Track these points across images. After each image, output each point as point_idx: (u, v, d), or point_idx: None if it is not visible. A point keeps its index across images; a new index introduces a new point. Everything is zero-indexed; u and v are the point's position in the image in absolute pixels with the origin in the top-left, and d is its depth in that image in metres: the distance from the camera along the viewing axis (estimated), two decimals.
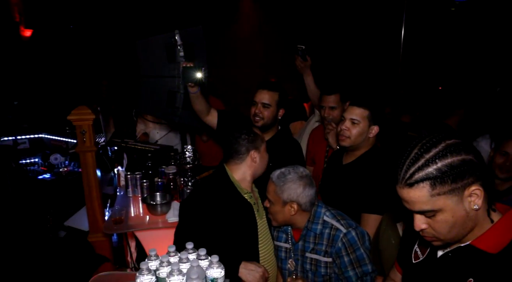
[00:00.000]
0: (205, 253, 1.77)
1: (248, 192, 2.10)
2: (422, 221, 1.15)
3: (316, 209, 1.91)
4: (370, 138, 2.30)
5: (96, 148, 3.12)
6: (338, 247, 1.80)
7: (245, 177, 2.10)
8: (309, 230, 1.89)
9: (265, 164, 2.15)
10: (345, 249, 1.80)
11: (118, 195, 3.31)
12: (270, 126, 2.70)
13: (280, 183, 1.84)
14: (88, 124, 3.03)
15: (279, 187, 1.84)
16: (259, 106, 2.65)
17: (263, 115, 2.64)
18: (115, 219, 2.75)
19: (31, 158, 4.03)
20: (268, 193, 1.90)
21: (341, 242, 1.80)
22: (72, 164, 3.96)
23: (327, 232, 1.85)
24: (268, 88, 2.70)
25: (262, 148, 2.13)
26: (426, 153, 1.10)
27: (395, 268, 1.59)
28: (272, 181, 1.88)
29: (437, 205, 1.09)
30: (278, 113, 2.69)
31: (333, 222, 1.86)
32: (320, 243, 1.86)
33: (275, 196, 1.86)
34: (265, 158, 2.14)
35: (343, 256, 1.81)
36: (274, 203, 1.87)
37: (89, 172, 3.11)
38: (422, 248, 1.37)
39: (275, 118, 2.69)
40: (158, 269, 1.70)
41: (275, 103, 2.66)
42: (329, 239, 1.84)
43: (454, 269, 1.21)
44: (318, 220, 1.89)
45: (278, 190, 1.84)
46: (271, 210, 1.90)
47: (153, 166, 3.32)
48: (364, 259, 1.81)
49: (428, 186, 1.08)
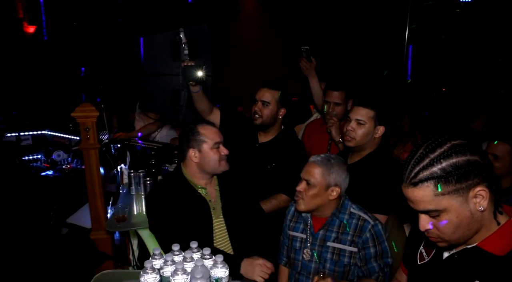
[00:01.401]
0: (210, 252, 1.77)
1: (202, 187, 2.14)
2: (426, 221, 1.15)
3: (344, 200, 1.97)
4: (376, 138, 2.30)
5: (99, 145, 3.11)
6: (366, 237, 1.86)
7: (194, 173, 2.14)
8: (337, 218, 1.93)
9: (213, 162, 2.10)
10: (373, 240, 1.86)
11: (121, 192, 3.31)
12: (270, 125, 2.67)
13: (328, 166, 1.90)
14: (92, 121, 3.02)
15: (326, 170, 1.89)
16: (259, 104, 2.64)
17: (262, 113, 2.62)
18: (118, 217, 2.74)
19: (34, 154, 4.03)
20: (310, 175, 1.91)
21: (369, 232, 1.86)
22: (75, 161, 3.96)
23: (354, 222, 1.91)
24: (269, 87, 2.67)
25: (206, 146, 2.08)
26: (431, 153, 1.10)
27: (401, 269, 1.59)
28: (317, 164, 1.91)
29: (442, 205, 1.09)
30: (278, 112, 2.66)
31: (361, 214, 1.93)
32: (346, 233, 1.90)
33: (320, 179, 1.89)
34: (211, 157, 2.09)
35: (370, 247, 1.86)
36: (315, 186, 1.90)
37: (92, 169, 3.10)
38: (428, 249, 1.36)
39: (275, 117, 2.66)
40: (162, 268, 1.70)
41: (275, 102, 2.63)
42: (356, 229, 1.89)
43: (460, 271, 1.20)
44: (345, 211, 1.95)
45: (325, 173, 1.89)
46: (308, 193, 1.91)
47: (157, 164, 3.32)
48: (387, 252, 1.87)
49: (432, 186, 1.08)
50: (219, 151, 2.10)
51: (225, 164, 2.13)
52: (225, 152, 2.12)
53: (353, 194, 2.25)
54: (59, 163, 3.94)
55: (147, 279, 1.64)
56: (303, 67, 3.07)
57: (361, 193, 2.22)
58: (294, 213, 2.13)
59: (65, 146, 4.16)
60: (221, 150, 2.11)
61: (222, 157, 2.11)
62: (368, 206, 2.19)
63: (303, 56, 3.04)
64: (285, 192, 2.57)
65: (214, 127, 2.14)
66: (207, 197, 2.13)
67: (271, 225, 2.41)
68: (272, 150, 2.65)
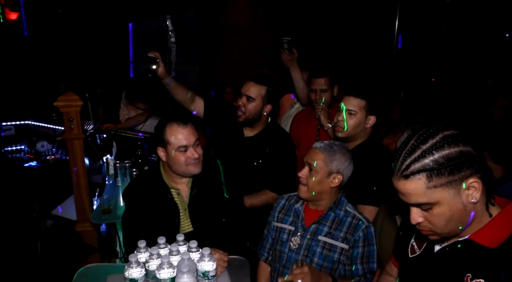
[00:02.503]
0: (196, 246, 1.73)
1: (174, 188, 2.05)
2: (418, 214, 1.13)
3: (341, 196, 1.96)
4: (367, 128, 2.29)
5: (84, 136, 3.04)
6: (358, 236, 1.85)
7: (167, 170, 2.06)
8: (333, 212, 1.91)
9: (178, 166, 1.97)
10: (363, 240, 1.84)
11: (107, 184, 3.25)
12: (253, 121, 2.53)
13: (331, 152, 1.87)
14: (76, 111, 2.94)
15: (329, 156, 1.87)
16: (243, 99, 2.49)
17: (245, 109, 2.47)
18: (104, 208, 2.69)
19: (17, 145, 3.94)
20: (313, 160, 1.88)
21: (362, 232, 1.85)
22: (60, 151, 3.87)
23: (349, 220, 1.89)
24: (256, 81, 2.51)
25: (170, 148, 1.95)
26: (423, 144, 1.06)
27: (391, 262, 1.57)
28: (319, 150, 1.88)
29: (434, 198, 1.06)
30: (263, 109, 2.51)
31: (356, 213, 1.92)
32: (339, 229, 1.88)
33: (322, 165, 1.86)
34: (176, 160, 1.95)
35: (358, 247, 1.84)
36: (318, 172, 1.87)
37: (77, 160, 3.03)
38: (419, 242, 1.34)
39: (259, 113, 2.51)
40: (148, 261, 1.66)
41: (261, 98, 2.48)
42: (350, 227, 1.88)
43: (451, 264, 1.18)
44: (341, 207, 1.93)
45: (327, 159, 1.86)
46: (311, 179, 1.88)
47: (143, 155, 3.26)
48: (374, 256, 1.85)
49: (424, 178, 1.05)
50: (186, 154, 1.94)
51: (193, 167, 1.98)
52: (194, 155, 1.95)
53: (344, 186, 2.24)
54: (43, 153, 3.85)
55: (132, 273, 1.60)
56: (285, 59, 2.99)
57: (351, 184, 2.20)
58: (284, 206, 2.09)
59: (49, 136, 4.05)
60: (188, 153, 1.94)
61: (190, 161, 1.95)
62: (359, 197, 2.17)
63: (285, 48, 2.95)
64: (273, 189, 2.51)
65: (183, 128, 1.94)
66: (179, 198, 2.04)
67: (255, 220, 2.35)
68: (258, 145, 2.55)
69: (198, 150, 1.98)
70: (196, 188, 2.06)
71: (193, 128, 1.98)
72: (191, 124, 1.99)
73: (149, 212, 2.01)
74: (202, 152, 2.01)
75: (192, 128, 1.97)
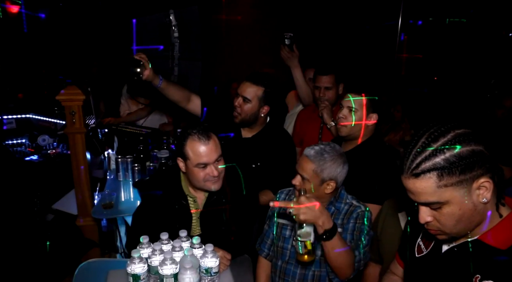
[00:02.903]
0: (199, 242, 1.72)
1: (191, 195, 2.01)
2: (427, 213, 1.11)
3: (341, 190, 1.95)
4: (369, 126, 2.25)
5: (85, 130, 3.02)
6: (352, 216, 1.86)
7: (185, 179, 2.01)
8: (333, 206, 1.91)
9: (196, 181, 1.90)
10: (356, 219, 1.86)
11: (108, 178, 3.23)
12: (250, 123, 2.47)
13: (321, 162, 1.81)
14: (78, 105, 2.91)
15: (319, 166, 1.81)
16: (239, 100, 2.41)
17: (241, 111, 2.41)
18: (105, 203, 2.68)
19: (18, 138, 3.91)
20: (303, 170, 1.83)
21: (356, 213, 1.86)
22: (61, 145, 3.85)
23: (346, 208, 1.91)
24: (252, 81, 2.42)
25: (189, 163, 1.87)
26: (434, 142, 1.05)
27: (396, 261, 1.55)
28: (309, 159, 1.82)
29: (444, 197, 1.05)
30: (260, 110, 2.43)
31: (354, 202, 1.93)
32: (337, 218, 1.89)
33: (312, 174, 1.82)
34: (195, 175, 1.88)
35: (351, 223, 1.86)
36: (309, 181, 1.82)
37: (78, 154, 3.01)
38: (426, 242, 1.32)
39: (256, 115, 2.44)
40: (150, 257, 1.65)
41: (257, 99, 2.40)
42: (346, 213, 1.89)
43: (460, 264, 1.17)
44: (342, 200, 1.94)
45: (317, 169, 1.81)
46: (304, 187, 1.81)
47: (145, 150, 3.24)
48: (364, 234, 1.83)
49: (435, 177, 1.03)
50: (206, 170, 1.86)
51: (211, 184, 1.89)
52: (213, 173, 1.85)
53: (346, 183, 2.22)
54: (44, 147, 3.83)
55: (134, 269, 1.59)
56: (284, 56, 2.86)
57: (354, 183, 2.18)
58: (284, 200, 2.05)
59: (50, 130, 4.03)
60: (208, 170, 1.86)
61: (208, 178, 1.87)
62: (361, 195, 2.16)
63: (286, 44, 2.82)
64: (274, 190, 2.45)
65: (205, 144, 1.83)
66: (195, 205, 2.01)
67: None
68: (255, 147, 2.50)
69: (219, 167, 1.89)
70: (214, 197, 2.00)
71: (216, 142, 1.88)
72: (215, 137, 1.89)
73: (162, 214, 1.97)
74: (223, 169, 1.92)
75: (214, 144, 1.87)
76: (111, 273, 1.82)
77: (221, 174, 1.92)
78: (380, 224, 1.93)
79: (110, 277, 1.80)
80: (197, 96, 2.60)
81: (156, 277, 1.63)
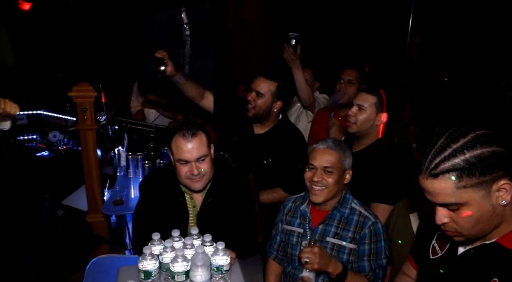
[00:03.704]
0: (211, 240, 1.71)
1: (187, 192, 2.00)
2: (444, 214, 1.10)
3: (346, 194, 1.92)
4: (378, 126, 2.25)
5: (97, 126, 3.04)
6: (364, 233, 1.81)
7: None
8: (338, 212, 1.88)
9: (179, 177, 1.90)
10: (369, 237, 1.80)
11: (118, 175, 3.25)
12: (263, 117, 2.49)
13: (343, 150, 1.84)
14: (90, 101, 2.94)
15: (343, 154, 1.83)
16: (253, 94, 2.45)
17: (255, 104, 2.43)
18: (116, 200, 2.69)
19: (29, 134, 3.94)
20: (328, 162, 1.82)
21: (368, 229, 1.81)
22: (72, 142, 3.87)
23: (355, 218, 1.85)
24: (266, 76, 2.46)
25: (172, 158, 1.90)
26: (454, 143, 1.03)
27: (409, 263, 1.54)
28: (332, 150, 1.82)
29: (463, 198, 1.04)
30: (273, 105, 2.46)
31: (361, 210, 1.87)
32: (347, 229, 1.84)
33: (339, 164, 1.82)
34: (178, 170, 1.88)
35: (365, 244, 1.81)
36: (334, 172, 1.82)
37: (89, 151, 3.03)
38: (441, 244, 1.31)
39: (269, 110, 2.46)
40: (162, 254, 1.65)
41: (271, 94, 2.43)
42: (357, 225, 1.84)
43: (476, 267, 1.15)
44: (346, 205, 1.89)
45: (342, 157, 1.83)
46: (329, 180, 1.81)
47: (155, 147, 3.25)
48: (382, 253, 1.80)
49: (454, 178, 1.02)
50: (187, 168, 1.85)
51: (192, 182, 1.88)
52: (192, 171, 1.83)
53: (357, 183, 2.20)
54: (55, 143, 3.86)
55: (146, 265, 1.59)
56: (287, 57, 2.84)
57: (364, 183, 2.17)
58: (290, 208, 2.05)
59: (61, 127, 4.06)
60: (189, 167, 1.84)
61: (189, 176, 1.85)
62: (372, 195, 2.15)
63: (291, 44, 2.79)
64: (285, 188, 2.47)
65: (187, 142, 1.81)
66: (192, 202, 2.00)
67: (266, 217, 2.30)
68: (267, 143, 2.50)
69: (202, 166, 1.86)
70: (210, 198, 1.97)
71: (201, 141, 1.85)
72: (203, 136, 1.86)
73: (160, 210, 1.98)
74: (208, 169, 1.89)
75: (198, 143, 1.83)
76: (122, 269, 1.83)
77: (205, 175, 1.89)
78: (391, 224, 1.91)
79: (121, 273, 1.80)
80: (211, 92, 2.66)
81: (167, 274, 1.63)
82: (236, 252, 1.88)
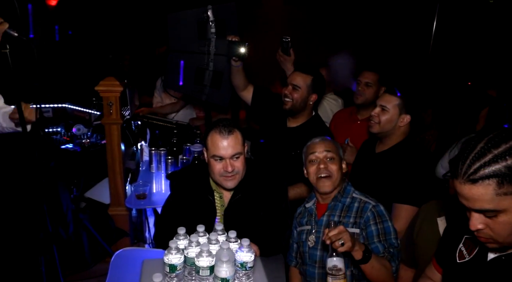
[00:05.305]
0: (235, 236, 1.73)
1: (217, 191, 2.01)
2: (479, 220, 1.07)
3: (346, 185, 1.98)
4: (401, 127, 2.26)
5: (122, 121, 3.09)
6: (367, 216, 1.85)
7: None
8: (338, 201, 1.93)
9: (212, 174, 1.92)
10: (374, 218, 1.84)
11: (141, 170, 3.30)
12: (299, 110, 2.60)
13: (335, 142, 2.05)
14: (116, 96, 2.99)
15: (336, 144, 2.03)
16: (289, 88, 2.57)
17: (292, 97, 2.55)
18: (139, 194, 2.73)
19: (54, 127, 4.02)
20: (328, 147, 1.97)
21: (370, 211, 1.85)
22: (95, 135, 3.94)
23: (355, 205, 1.91)
24: (301, 70, 2.60)
25: (206, 154, 1.92)
26: (495, 148, 1.01)
27: (433, 266, 1.52)
28: (327, 140, 2.01)
29: (502, 205, 1.01)
30: (309, 97, 2.58)
31: (362, 197, 1.93)
32: (348, 216, 1.89)
33: (337, 151, 1.99)
34: (211, 167, 1.90)
35: (371, 225, 1.83)
36: (335, 158, 1.95)
37: (114, 145, 3.09)
38: (469, 248, 1.29)
39: (305, 102, 2.58)
40: (187, 248, 1.67)
41: (306, 87, 2.55)
42: (357, 211, 1.89)
43: (507, 275, 1.13)
44: (347, 195, 1.95)
45: (337, 147, 2.02)
46: (332, 168, 1.92)
47: (178, 143, 3.29)
48: (391, 233, 1.82)
49: (494, 184, 1.00)
50: (221, 164, 1.87)
51: (225, 180, 1.90)
52: (227, 168, 1.85)
53: (379, 184, 2.20)
54: (78, 137, 3.93)
55: (171, 259, 1.61)
56: (279, 59, 2.91)
57: (387, 183, 2.17)
58: (300, 211, 2.11)
59: (85, 120, 4.13)
60: (223, 164, 1.86)
61: (223, 173, 1.88)
62: (395, 196, 2.14)
63: (284, 47, 2.85)
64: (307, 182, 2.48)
65: (223, 138, 1.85)
66: (220, 201, 2.02)
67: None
68: (299, 136, 2.56)
69: (236, 164, 1.88)
70: (239, 195, 1.99)
71: (237, 139, 1.88)
72: (238, 134, 1.89)
73: (188, 208, 2.01)
74: (241, 167, 1.91)
75: (234, 140, 1.86)
76: (146, 262, 1.86)
77: (237, 174, 1.91)
78: (416, 228, 1.88)
79: (145, 265, 1.83)
80: (252, 86, 2.82)
81: (191, 268, 1.65)
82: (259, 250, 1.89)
